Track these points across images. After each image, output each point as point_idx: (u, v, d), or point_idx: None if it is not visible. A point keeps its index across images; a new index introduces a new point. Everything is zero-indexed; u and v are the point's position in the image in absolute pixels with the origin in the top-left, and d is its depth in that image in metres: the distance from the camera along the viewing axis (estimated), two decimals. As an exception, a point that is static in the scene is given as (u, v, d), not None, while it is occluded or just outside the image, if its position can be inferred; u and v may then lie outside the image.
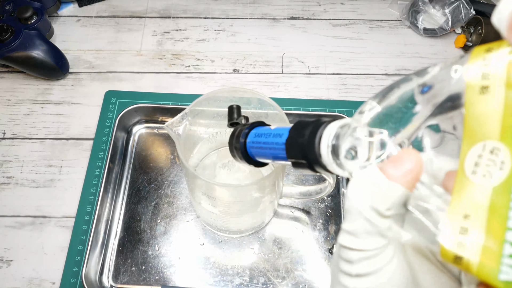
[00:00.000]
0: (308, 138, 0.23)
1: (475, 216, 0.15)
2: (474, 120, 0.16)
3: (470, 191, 0.16)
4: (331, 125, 0.22)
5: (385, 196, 0.18)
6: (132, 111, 0.52)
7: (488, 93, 0.15)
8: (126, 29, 0.62)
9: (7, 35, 0.53)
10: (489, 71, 0.15)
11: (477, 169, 0.16)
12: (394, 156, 0.19)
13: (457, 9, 0.60)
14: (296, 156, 0.24)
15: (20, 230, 0.47)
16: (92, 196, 0.48)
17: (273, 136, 0.27)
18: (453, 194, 0.16)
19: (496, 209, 0.15)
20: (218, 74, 0.59)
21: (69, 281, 0.44)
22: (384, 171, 0.18)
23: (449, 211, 0.16)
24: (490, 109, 0.15)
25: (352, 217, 0.19)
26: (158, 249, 0.46)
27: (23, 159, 0.51)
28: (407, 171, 0.18)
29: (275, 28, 0.63)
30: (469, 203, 0.16)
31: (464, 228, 0.15)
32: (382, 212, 0.18)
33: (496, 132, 0.15)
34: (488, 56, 0.15)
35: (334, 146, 0.21)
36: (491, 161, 0.15)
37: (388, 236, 0.18)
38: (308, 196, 0.44)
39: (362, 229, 0.18)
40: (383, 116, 0.20)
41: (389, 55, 0.61)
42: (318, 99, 0.56)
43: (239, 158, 0.31)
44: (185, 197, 0.49)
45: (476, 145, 0.16)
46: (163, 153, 0.52)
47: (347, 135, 0.21)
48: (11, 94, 0.56)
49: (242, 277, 0.44)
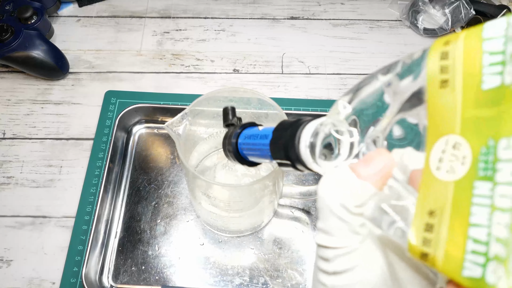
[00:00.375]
0: (289, 138, 0.23)
1: (440, 212, 0.15)
2: (436, 114, 0.16)
3: (434, 187, 0.16)
4: (310, 124, 0.22)
5: (354, 194, 0.18)
6: (132, 111, 0.52)
7: (448, 86, 0.15)
8: (126, 29, 0.62)
9: (7, 35, 0.53)
10: (447, 64, 0.15)
11: (441, 165, 0.16)
12: (365, 156, 0.19)
13: (457, 9, 0.60)
14: (279, 156, 0.25)
15: (20, 230, 0.47)
16: (92, 196, 0.48)
17: (260, 137, 0.28)
18: (419, 190, 0.16)
19: (459, 205, 0.15)
20: (218, 74, 0.59)
21: (69, 281, 0.44)
22: (355, 170, 0.19)
23: (416, 208, 0.16)
24: (450, 103, 0.15)
25: (324, 215, 0.19)
26: (158, 249, 0.46)
27: (23, 159, 0.51)
28: (377, 170, 0.18)
29: (275, 28, 0.63)
30: (434, 200, 0.16)
31: (429, 225, 0.15)
32: (351, 210, 0.18)
33: (457, 126, 0.15)
34: (446, 49, 0.15)
35: (312, 144, 0.22)
36: (453, 156, 0.15)
37: (361, 233, 0.19)
38: (308, 196, 0.44)
39: (335, 226, 0.18)
40: (355, 112, 0.21)
41: (389, 55, 0.61)
42: (318, 99, 0.56)
43: (233, 159, 0.32)
44: (185, 197, 0.49)
45: (439, 140, 0.16)
46: (163, 153, 0.52)
47: (321, 132, 0.21)
48: (11, 94, 0.56)
49: (242, 277, 0.44)
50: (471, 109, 0.14)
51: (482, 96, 0.14)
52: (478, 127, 0.14)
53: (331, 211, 0.18)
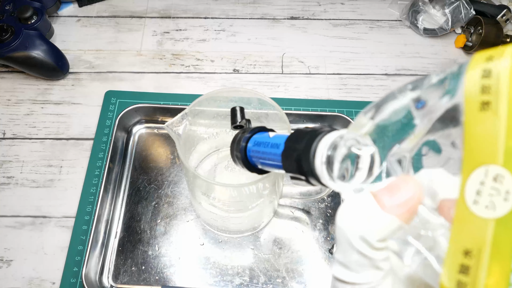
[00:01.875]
0: (303, 151, 0.21)
1: (477, 253, 0.14)
2: (475, 140, 0.14)
3: (471, 223, 0.14)
4: (327, 136, 0.20)
5: (377, 228, 0.16)
6: (132, 111, 0.52)
7: (490, 109, 0.13)
8: (126, 29, 0.62)
9: (7, 35, 0.53)
10: (490, 84, 0.13)
11: (479, 199, 0.14)
12: (390, 184, 0.17)
13: (457, 9, 0.60)
14: (292, 169, 0.23)
15: (20, 230, 0.47)
16: (92, 196, 0.48)
17: (270, 146, 0.25)
18: (453, 225, 0.15)
19: (500, 246, 0.13)
20: (218, 74, 0.59)
21: (69, 281, 0.44)
22: (379, 200, 0.17)
23: (449, 245, 0.15)
24: (492, 129, 0.13)
25: (343, 248, 0.17)
26: (158, 249, 0.46)
27: (23, 159, 0.51)
28: (404, 201, 0.16)
29: (275, 28, 0.63)
30: (470, 238, 0.14)
31: (465, 266, 0.14)
32: (373, 244, 0.16)
33: (500, 156, 0.13)
34: (489, 66, 0.13)
35: (329, 158, 0.20)
36: (494, 189, 0.13)
37: (384, 268, 0.17)
38: (308, 196, 0.44)
39: (354, 261, 0.17)
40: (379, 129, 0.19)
41: (389, 55, 0.61)
42: (318, 99, 0.56)
43: (241, 166, 0.30)
44: (185, 197, 0.49)
45: (478, 170, 0.14)
46: (163, 153, 0.52)
47: (341, 147, 0.19)
48: (11, 94, 0.56)
49: (242, 277, 0.44)
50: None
51: None
52: None
53: (351, 245, 0.17)
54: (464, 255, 0.14)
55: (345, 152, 0.19)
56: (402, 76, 0.59)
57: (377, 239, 0.16)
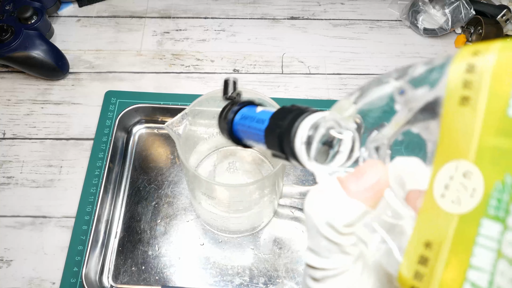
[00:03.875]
0: (286, 129, 0.21)
1: (437, 245, 0.14)
2: (450, 134, 0.14)
3: (435, 216, 0.14)
4: (310, 116, 0.20)
5: (343, 213, 0.16)
6: (132, 111, 0.52)
7: (468, 105, 0.13)
8: (126, 29, 0.62)
9: (7, 35, 0.53)
10: (472, 79, 0.13)
11: (446, 193, 0.14)
12: (356, 169, 0.17)
13: (457, 9, 0.60)
14: (273, 147, 0.23)
15: (20, 230, 0.47)
16: (92, 196, 0.48)
17: (256, 120, 0.26)
18: (418, 216, 0.15)
19: (461, 242, 0.13)
20: (218, 74, 0.59)
21: (69, 281, 0.44)
22: (344, 186, 0.17)
23: (412, 235, 0.15)
24: (468, 124, 0.13)
25: (312, 235, 0.17)
26: (158, 249, 0.46)
27: (23, 159, 0.51)
28: (369, 186, 0.16)
29: (275, 28, 0.63)
30: (433, 230, 0.14)
31: (424, 257, 0.14)
32: (339, 230, 0.16)
33: (472, 152, 0.13)
34: (474, 61, 0.13)
35: (309, 138, 0.20)
36: (462, 185, 0.13)
37: (352, 253, 0.17)
38: (308, 196, 0.44)
39: (322, 246, 0.17)
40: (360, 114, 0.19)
41: (389, 55, 0.61)
42: (318, 99, 0.56)
43: (226, 137, 0.30)
44: (185, 197, 0.49)
45: (449, 164, 0.14)
46: (163, 153, 0.52)
47: (321, 128, 0.19)
48: (11, 94, 0.56)
49: (242, 277, 0.44)
50: (491, 136, 0.13)
51: (506, 124, 0.12)
52: (495, 158, 0.12)
53: (318, 231, 0.17)
54: (425, 247, 0.14)
55: (324, 133, 0.19)
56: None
57: (343, 224, 0.16)
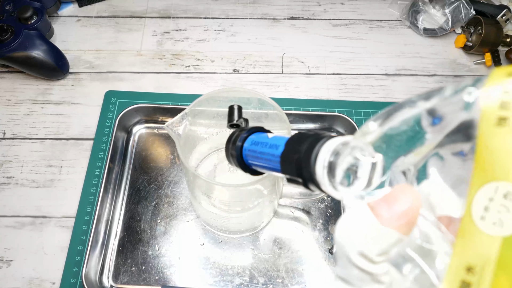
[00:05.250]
0: (304, 154, 0.21)
1: (480, 270, 0.13)
2: (487, 155, 0.13)
3: (476, 239, 0.13)
4: (330, 141, 0.20)
5: (376, 242, 0.16)
6: (132, 111, 0.52)
7: (507, 125, 0.13)
8: (126, 29, 0.62)
9: (7, 35, 0.53)
10: (509, 100, 0.13)
11: (487, 215, 0.13)
12: (388, 195, 0.16)
13: (457, 9, 0.60)
14: (290, 172, 0.22)
15: (20, 230, 0.47)
16: (92, 196, 0.48)
17: (269, 146, 0.25)
18: (457, 240, 0.14)
19: (505, 264, 0.13)
20: (218, 74, 0.59)
21: (69, 281, 0.44)
22: (376, 213, 0.16)
23: (451, 260, 0.14)
24: (507, 145, 0.13)
25: (342, 263, 0.17)
26: (158, 249, 0.46)
27: (23, 159, 0.51)
28: (402, 213, 0.16)
29: (275, 28, 0.63)
30: (474, 254, 0.13)
31: (466, 283, 0.13)
32: (372, 259, 0.16)
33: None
34: (510, 82, 0.13)
35: (331, 164, 0.19)
36: (503, 207, 0.13)
37: (385, 282, 0.16)
38: (308, 196, 0.44)
39: (354, 276, 0.16)
40: (386, 137, 0.18)
41: (389, 55, 0.61)
42: (318, 99, 0.56)
43: (235, 165, 0.29)
44: (185, 197, 0.49)
45: (487, 186, 0.13)
46: (163, 153, 0.52)
47: (346, 154, 0.19)
48: (11, 94, 0.56)
49: (242, 277, 0.44)
50: None
51: None
52: None
53: (350, 260, 0.16)
54: (467, 271, 0.14)
55: (350, 160, 0.19)
56: (402, 76, 0.59)
57: (376, 253, 0.16)
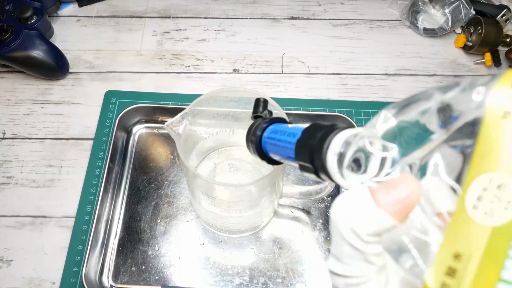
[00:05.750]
0: (318, 141, 0.21)
1: (467, 257, 0.13)
2: (486, 146, 0.14)
3: (467, 228, 0.14)
4: (343, 132, 0.21)
5: (368, 222, 0.16)
6: (132, 111, 0.52)
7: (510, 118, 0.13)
8: (126, 29, 0.62)
9: (7, 35, 0.53)
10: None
11: (479, 204, 0.14)
12: (389, 181, 0.17)
13: (457, 9, 0.60)
14: (303, 159, 0.23)
15: (20, 230, 0.47)
16: (92, 196, 0.48)
17: (287, 134, 0.26)
18: (448, 228, 0.15)
19: (492, 254, 0.13)
20: (218, 74, 0.59)
21: (69, 281, 0.44)
22: (374, 196, 0.17)
23: (440, 246, 0.14)
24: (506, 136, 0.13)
25: (336, 240, 0.17)
26: (158, 249, 0.46)
27: (23, 159, 0.51)
28: (399, 199, 0.16)
29: (275, 28, 0.63)
30: (463, 242, 0.14)
31: (452, 269, 0.14)
32: (363, 238, 0.16)
33: (508, 165, 0.13)
34: None
35: (341, 154, 0.20)
36: (496, 197, 0.13)
37: (377, 263, 0.17)
38: (308, 196, 0.44)
39: (345, 252, 0.17)
40: (397, 131, 0.18)
41: (389, 55, 0.61)
42: (318, 99, 0.56)
43: (253, 152, 0.31)
44: (185, 197, 0.49)
45: (483, 176, 0.14)
46: (163, 153, 0.52)
47: (355, 144, 0.19)
48: (11, 94, 0.56)
49: (242, 277, 0.44)
50: None
51: None
52: None
53: (342, 237, 0.17)
54: (454, 258, 0.14)
55: (357, 150, 0.19)
56: (402, 76, 0.59)
57: (367, 232, 0.16)
